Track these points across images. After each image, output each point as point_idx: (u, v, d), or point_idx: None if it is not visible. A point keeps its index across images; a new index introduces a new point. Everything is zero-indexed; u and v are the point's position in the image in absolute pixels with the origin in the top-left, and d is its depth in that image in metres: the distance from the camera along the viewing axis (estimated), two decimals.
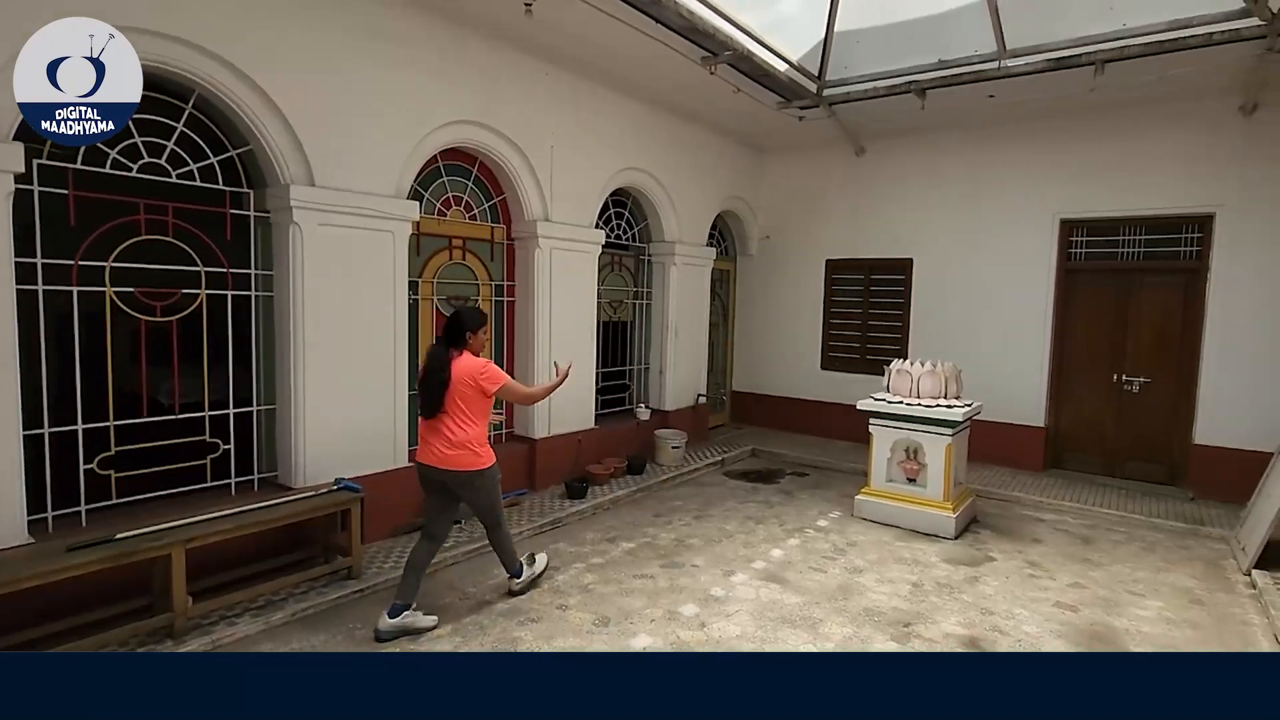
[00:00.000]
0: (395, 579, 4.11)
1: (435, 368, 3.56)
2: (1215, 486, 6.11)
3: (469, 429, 3.57)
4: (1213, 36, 5.08)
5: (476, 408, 3.60)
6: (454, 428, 3.56)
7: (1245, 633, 3.85)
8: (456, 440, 3.55)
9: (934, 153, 7.58)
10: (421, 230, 5.15)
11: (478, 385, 3.57)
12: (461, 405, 3.55)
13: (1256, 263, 5.98)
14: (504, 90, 5.34)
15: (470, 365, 3.57)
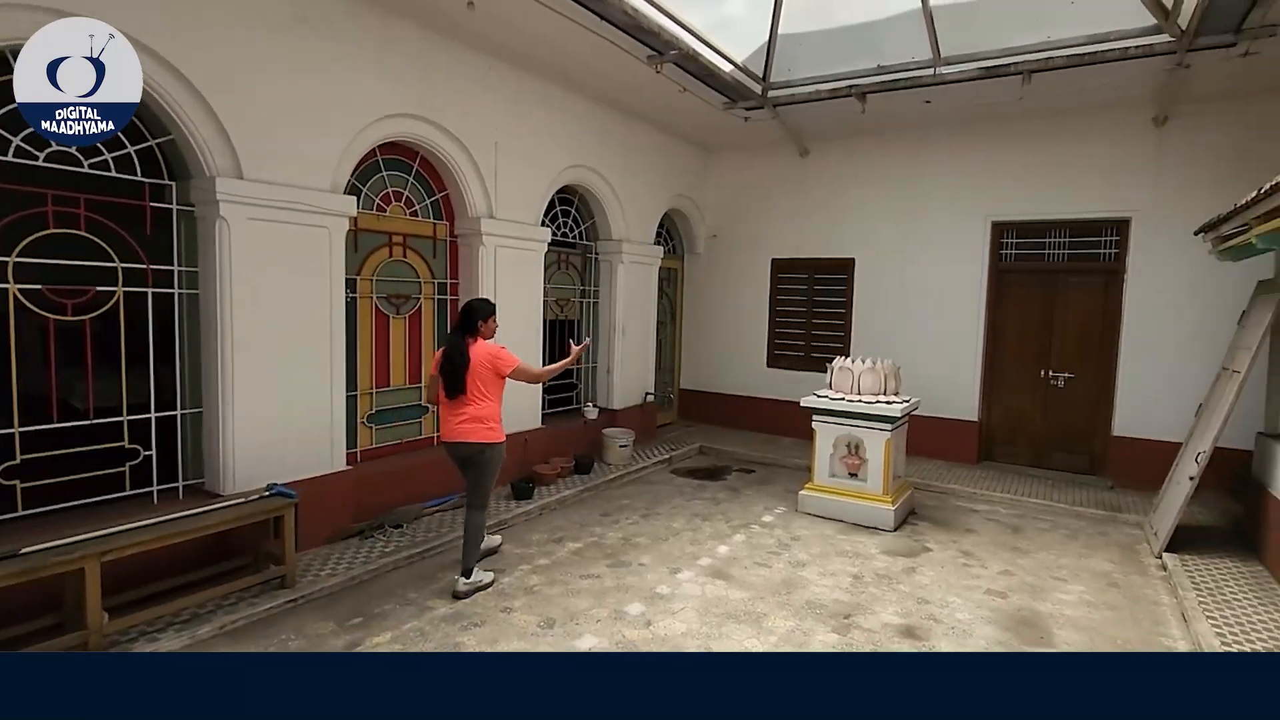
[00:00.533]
0: (333, 586, 4.01)
1: (455, 354, 3.99)
2: (1132, 475, 6.48)
3: (486, 406, 4.03)
4: (1128, 51, 5.38)
5: (492, 388, 4.06)
6: (472, 406, 3.99)
7: (1156, 612, 4.10)
8: (474, 416, 4.00)
9: (874, 155, 7.78)
10: (360, 226, 4.99)
11: (494, 367, 4.02)
12: (480, 386, 4.00)
13: (1168, 265, 6.36)
14: (446, 84, 5.22)
15: (486, 350, 4.04)
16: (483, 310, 4.10)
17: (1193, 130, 6.27)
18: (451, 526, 4.98)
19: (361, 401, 5.14)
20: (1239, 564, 4.63)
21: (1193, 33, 4.85)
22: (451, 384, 3.97)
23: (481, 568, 4.23)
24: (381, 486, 5.01)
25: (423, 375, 5.53)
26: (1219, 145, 6.13)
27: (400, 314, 5.39)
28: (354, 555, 4.41)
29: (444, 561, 4.52)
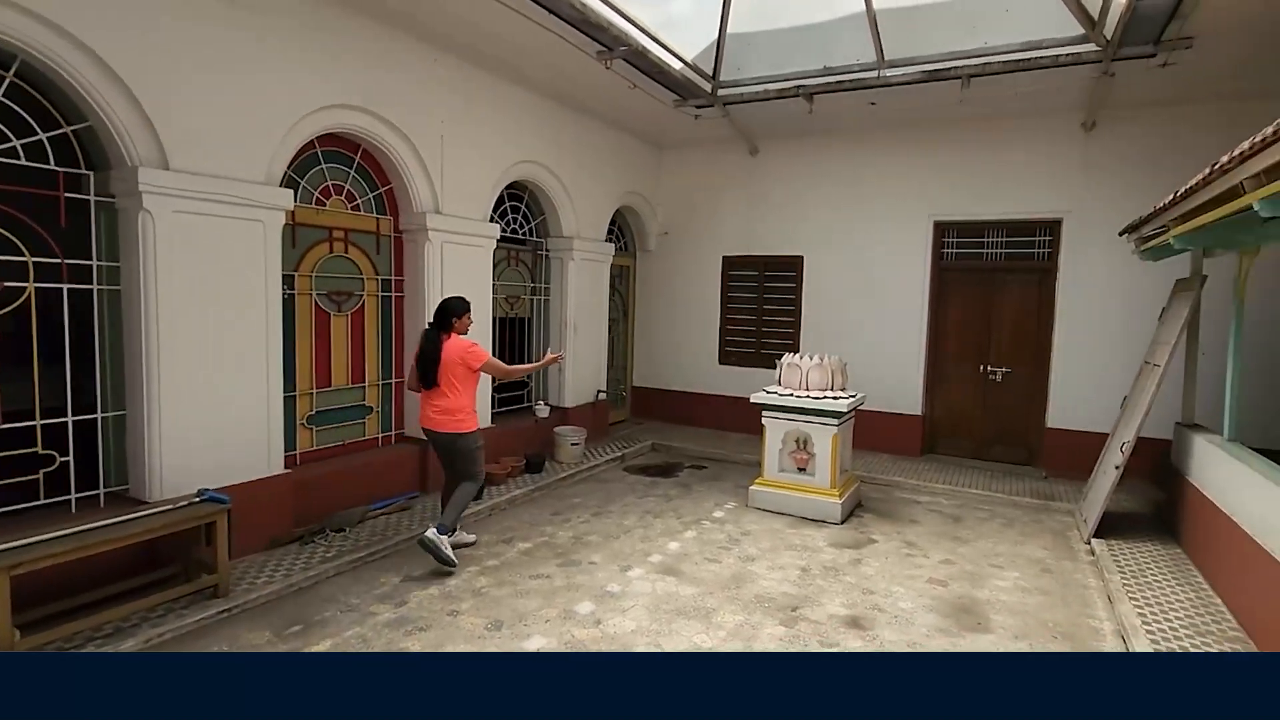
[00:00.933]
0: (270, 594, 3.86)
1: (429, 348, 4.28)
2: (1065, 465, 6.77)
3: (458, 398, 4.30)
4: (1059, 58, 5.60)
5: (464, 382, 4.32)
6: (445, 398, 4.28)
7: (1085, 595, 4.29)
8: (445, 408, 4.29)
9: (822, 155, 7.92)
10: (297, 220, 4.82)
11: (465, 362, 4.28)
12: (452, 379, 4.27)
13: (1095, 264, 6.67)
14: (389, 75, 5.08)
15: (458, 345, 4.30)
16: (457, 308, 4.37)
17: (1118, 136, 6.58)
18: (398, 529, 4.86)
19: (301, 402, 4.96)
20: (1160, 547, 4.88)
21: (1116, 43, 5.09)
22: (424, 376, 4.30)
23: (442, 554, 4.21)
24: (323, 489, 4.85)
25: (371, 373, 5.38)
26: (1142, 150, 6.45)
27: (342, 311, 5.23)
28: (293, 561, 4.25)
29: (388, 565, 4.41)
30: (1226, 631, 3.67)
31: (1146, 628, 3.68)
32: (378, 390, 5.54)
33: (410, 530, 4.85)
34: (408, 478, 5.55)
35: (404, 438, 5.74)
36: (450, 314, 4.35)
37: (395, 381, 5.67)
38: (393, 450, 5.57)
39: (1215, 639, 3.59)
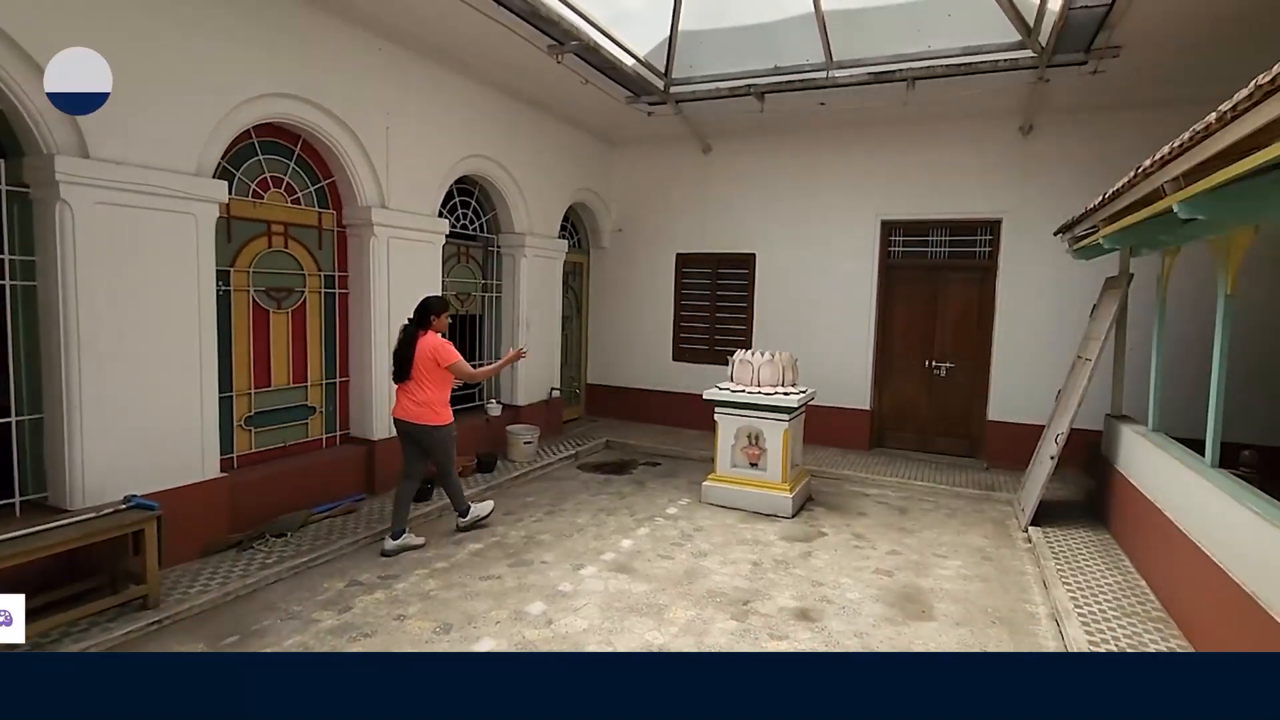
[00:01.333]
0: (205, 604, 3.70)
1: (403, 343, 4.49)
2: (1005, 456, 7.03)
3: (429, 393, 4.47)
4: (998, 63, 5.80)
5: (435, 377, 4.47)
6: (417, 391, 4.46)
7: (1022, 581, 4.45)
8: (419, 400, 4.46)
9: (773, 153, 8.02)
10: (233, 214, 4.62)
11: (435, 358, 4.43)
12: (424, 374, 4.44)
13: (1033, 262, 6.93)
14: (331, 64, 4.91)
15: (431, 343, 4.45)
16: (435, 306, 4.55)
17: (1053, 139, 6.85)
18: (343, 533, 4.72)
19: (238, 403, 4.76)
20: (1091, 533, 5.11)
21: (1050, 50, 5.29)
22: (398, 370, 4.49)
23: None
24: (262, 493, 4.67)
25: (314, 372, 5.21)
26: (1075, 154, 6.72)
27: (282, 308, 5.04)
28: (230, 569, 4.08)
29: (333, 570, 4.27)
30: (1150, 611, 3.86)
31: (1078, 610, 3.84)
32: (321, 390, 5.37)
33: (356, 533, 4.72)
34: (354, 479, 5.40)
35: (350, 438, 5.57)
36: (429, 312, 4.51)
37: (340, 381, 5.50)
38: (338, 451, 5.40)
39: (1140, 619, 3.77)
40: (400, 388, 4.53)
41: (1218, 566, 3.22)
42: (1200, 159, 2.64)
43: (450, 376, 4.54)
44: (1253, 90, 2.04)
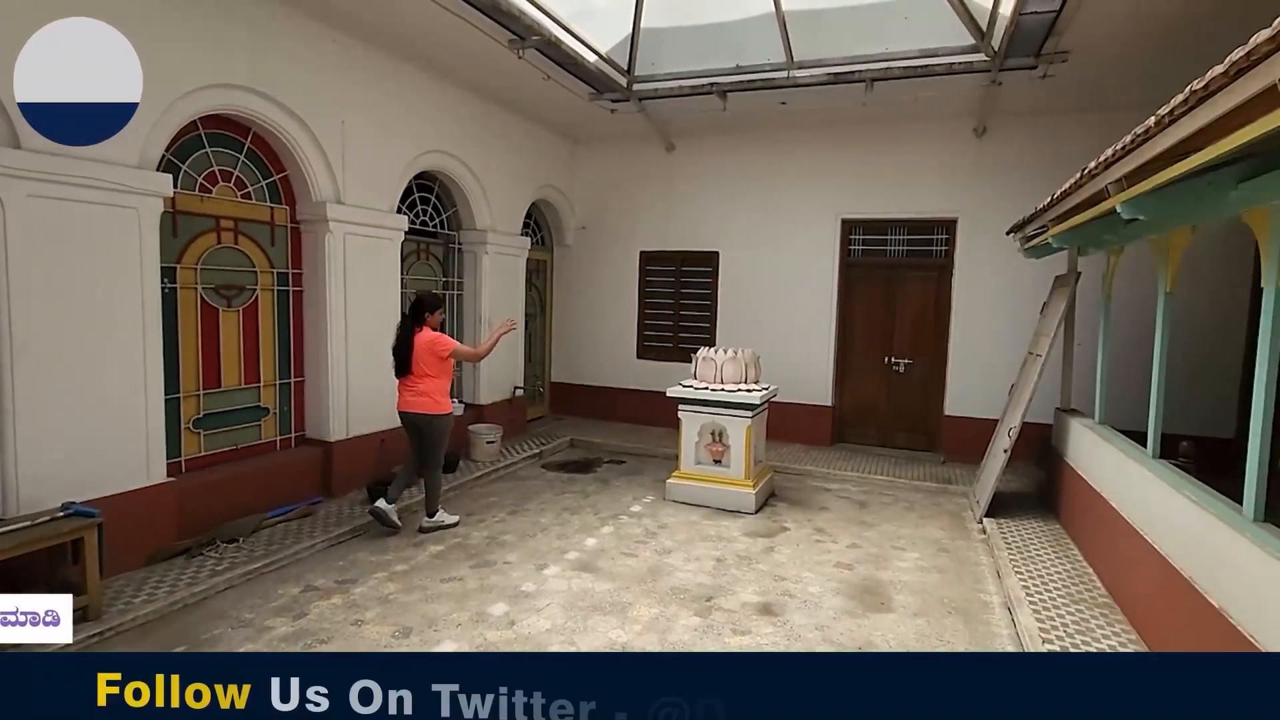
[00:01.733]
0: (151, 614, 3.56)
1: (401, 339, 4.77)
2: (961, 450, 7.20)
3: (429, 383, 4.74)
4: (953, 66, 5.93)
5: (435, 369, 4.74)
6: (417, 383, 4.75)
7: (977, 571, 4.57)
8: (419, 391, 4.75)
9: (736, 153, 8.07)
10: (179, 208, 4.45)
11: (433, 350, 4.71)
12: (424, 366, 4.72)
13: (987, 261, 7.12)
14: (283, 55, 4.77)
15: (427, 337, 4.74)
16: (430, 303, 4.83)
17: (1006, 141, 7.04)
18: (298, 537, 4.60)
19: (186, 404, 4.60)
20: (1042, 523, 5.27)
21: (1003, 54, 5.43)
22: (399, 365, 4.76)
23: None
24: (213, 498, 4.52)
25: (267, 372, 5.06)
26: (1027, 155, 6.92)
27: (233, 306, 4.88)
28: (178, 576, 3.94)
29: (288, 575, 4.16)
30: (1097, 598, 4.00)
31: (1030, 599, 3.96)
32: (275, 390, 5.22)
33: (313, 537, 4.60)
34: (310, 482, 5.26)
35: (306, 440, 5.43)
36: (424, 308, 4.80)
37: (295, 381, 5.35)
38: (293, 453, 5.26)
39: (1087, 605, 3.90)
40: (401, 382, 4.82)
41: (1158, 553, 3.35)
42: (1141, 161, 2.74)
43: (450, 365, 4.82)
44: (1188, 95, 2.11)
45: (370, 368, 5.66)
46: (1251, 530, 2.57)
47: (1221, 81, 1.93)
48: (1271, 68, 1.72)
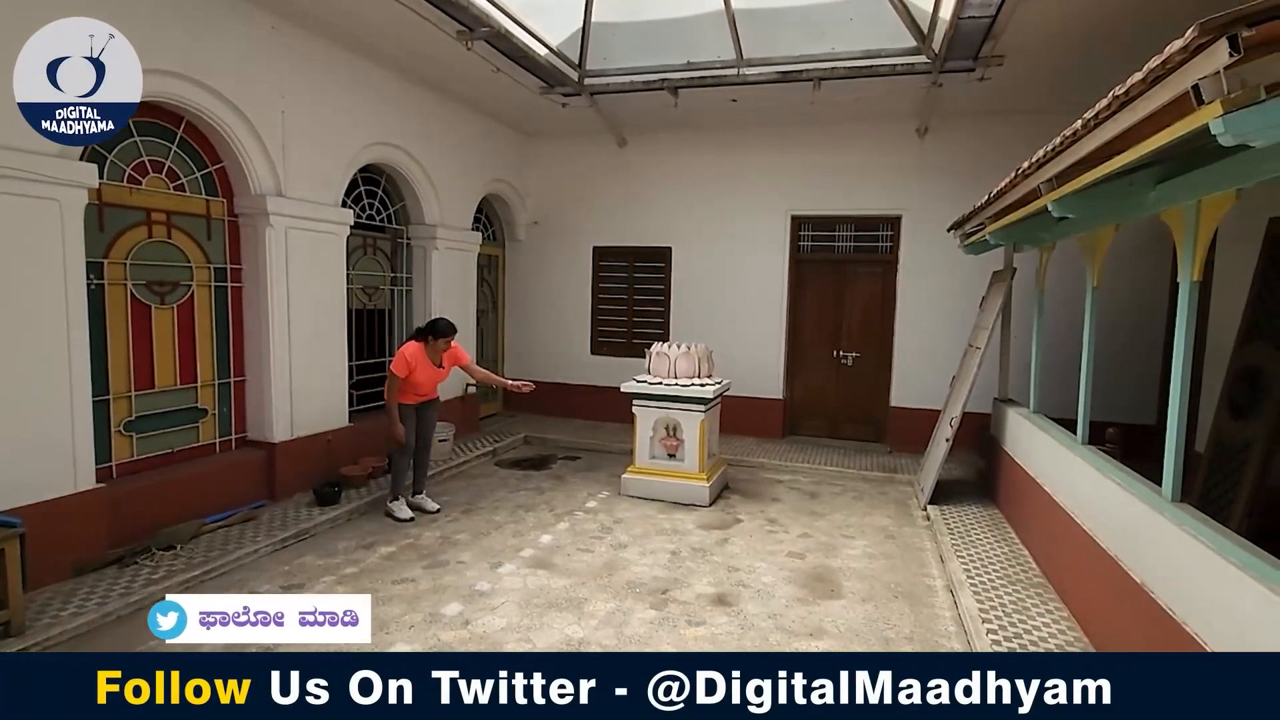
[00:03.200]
0: (80, 627, 3.39)
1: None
2: (907, 440, 7.44)
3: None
4: (895, 67, 6.09)
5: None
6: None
7: (922, 557, 4.74)
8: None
9: (688, 149, 8.11)
10: (105, 200, 4.23)
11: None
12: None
13: (929, 257, 7.36)
14: (218, 40, 4.57)
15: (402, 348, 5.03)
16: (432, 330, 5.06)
17: (947, 141, 7.28)
18: (240, 542, 4.44)
19: (116, 406, 4.38)
20: (982, 509, 5.50)
21: (943, 56, 5.61)
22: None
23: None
24: (147, 504, 4.32)
25: (204, 372, 4.85)
26: (967, 156, 7.17)
27: (166, 303, 4.66)
28: (109, 587, 3.76)
29: (230, 583, 4.02)
30: (1032, 579, 4.20)
31: (970, 581, 4.13)
32: (214, 391, 5.01)
33: (255, 542, 4.45)
34: (252, 486, 5.08)
35: (248, 442, 5.24)
36: (428, 332, 5.06)
37: (235, 381, 5.15)
38: (234, 456, 5.07)
39: (1023, 586, 4.09)
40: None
41: (1087, 534, 3.54)
42: (1069, 162, 2.88)
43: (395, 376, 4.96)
44: (1110, 101, 2.23)
45: (315, 366, 5.51)
46: (1169, 510, 2.74)
47: (1140, 88, 2.04)
48: (1183, 76, 1.84)
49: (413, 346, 5.00)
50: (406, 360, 4.92)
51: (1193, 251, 2.69)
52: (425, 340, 5.04)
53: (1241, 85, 1.70)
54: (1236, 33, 1.58)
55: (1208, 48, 1.69)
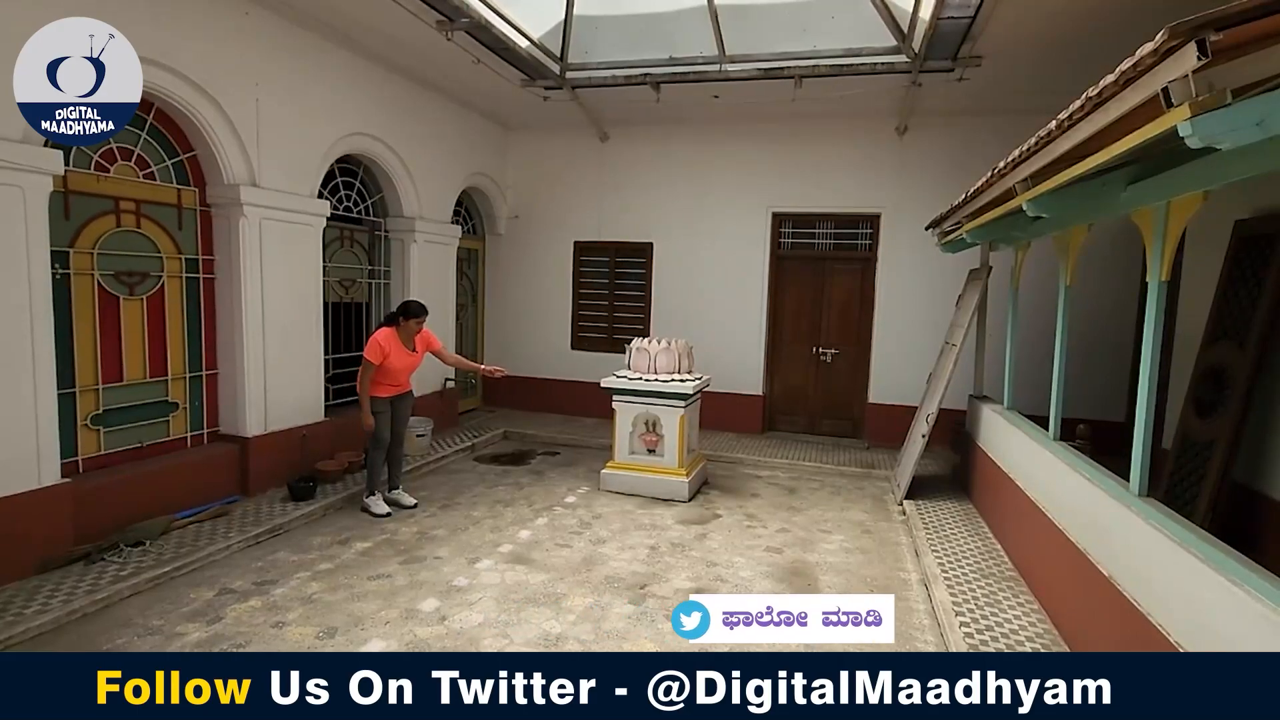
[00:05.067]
0: (44, 625, 3.31)
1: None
2: (884, 436, 7.52)
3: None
4: (876, 66, 6.13)
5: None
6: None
7: (897, 551, 4.80)
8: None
9: (669, 144, 8.11)
10: (71, 188, 4.12)
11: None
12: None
13: (907, 254, 7.43)
14: (189, 25, 4.46)
15: (373, 335, 4.93)
16: (404, 311, 4.98)
17: (926, 140, 7.35)
18: (212, 538, 4.36)
19: (83, 400, 4.27)
20: (956, 504, 5.58)
21: (922, 56, 5.66)
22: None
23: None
24: (115, 499, 4.23)
25: (175, 365, 4.76)
26: (946, 155, 7.25)
27: (135, 294, 4.56)
28: (75, 584, 3.67)
29: (201, 579, 3.94)
30: (1004, 573, 4.27)
31: (944, 575, 4.19)
32: (184, 384, 4.91)
33: (228, 538, 4.37)
34: (224, 481, 4.99)
35: (220, 436, 5.14)
36: (399, 313, 4.99)
37: (207, 374, 5.05)
38: (205, 450, 4.98)
39: (995, 580, 4.16)
40: None
41: (1057, 528, 3.61)
42: (1044, 162, 2.92)
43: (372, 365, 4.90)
44: (1084, 102, 2.26)
45: (290, 360, 5.42)
46: (1136, 504, 2.80)
47: (1113, 90, 2.08)
48: (1154, 78, 1.87)
49: (384, 331, 4.93)
50: (380, 345, 4.85)
51: (1161, 252, 2.75)
52: (396, 324, 4.98)
53: (1209, 88, 1.73)
54: (1205, 37, 1.61)
55: (1177, 51, 1.71)
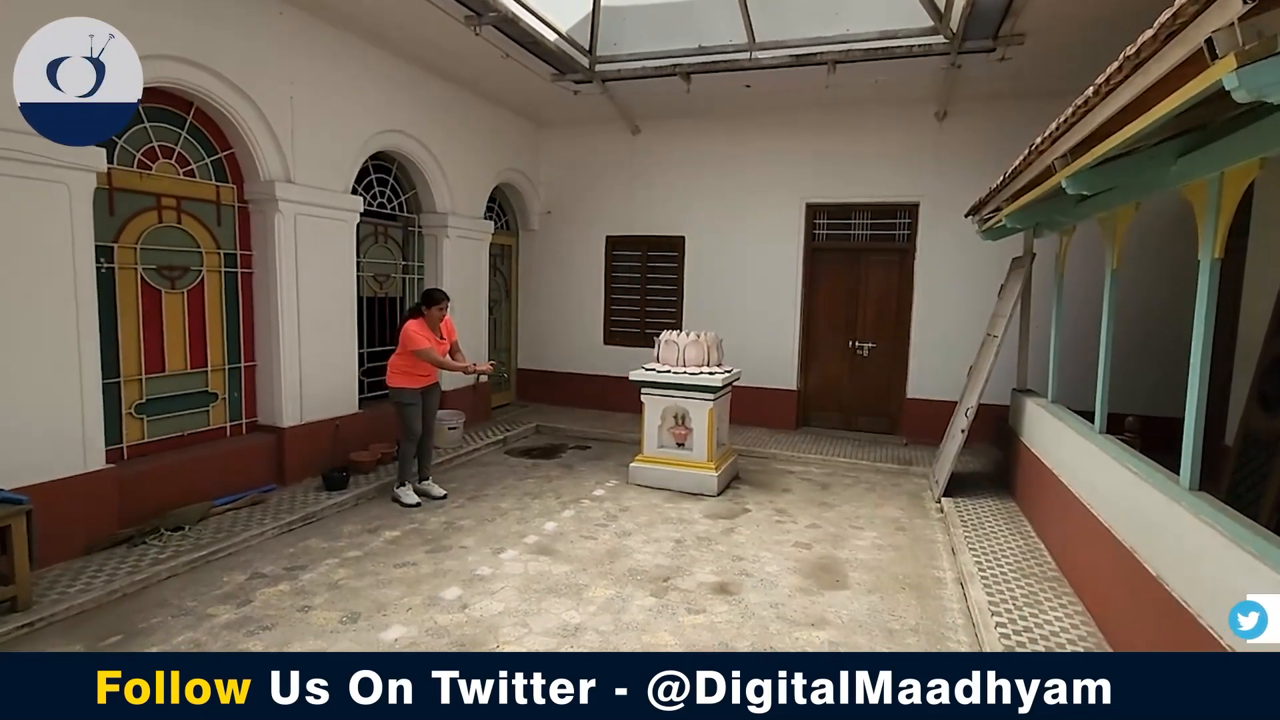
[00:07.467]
0: (86, 603, 3.45)
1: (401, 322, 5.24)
2: (922, 432, 7.29)
3: (393, 360, 5.12)
4: (912, 49, 5.93)
5: (400, 349, 5.06)
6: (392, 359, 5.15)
7: (932, 549, 4.62)
8: (389, 365, 5.13)
9: (700, 136, 8.01)
10: (115, 185, 4.28)
11: (403, 340, 5.03)
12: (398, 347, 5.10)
13: (947, 244, 7.18)
14: (226, 26, 4.59)
15: (409, 327, 5.02)
16: (429, 299, 5.12)
17: (966, 126, 7.08)
18: (248, 525, 4.48)
19: (127, 389, 4.44)
20: (998, 502, 5.35)
21: (961, 36, 5.44)
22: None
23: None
24: (157, 485, 4.38)
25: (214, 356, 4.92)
26: (986, 140, 6.96)
27: (177, 288, 4.71)
28: (117, 565, 3.81)
29: (234, 563, 4.05)
30: (1046, 572, 4.07)
31: (982, 574, 4.01)
32: (224, 375, 5.06)
33: (263, 524, 4.49)
34: (262, 470, 5.13)
35: (258, 426, 5.29)
36: (424, 302, 5.12)
37: (245, 365, 5.20)
38: (243, 440, 5.12)
39: (1036, 579, 3.97)
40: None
41: (1103, 525, 3.41)
42: (1083, 134, 2.76)
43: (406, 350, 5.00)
44: (1122, 62, 2.12)
45: (325, 352, 5.54)
46: (1186, 498, 2.62)
47: (1152, 47, 1.93)
48: (1196, 30, 1.72)
49: (415, 323, 5.03)
50: (424, 335, 4.99)
51: (1215, 226, 2.56)
52: (421, 314, 5.09)
53: (1258, 36, 1.59)
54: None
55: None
